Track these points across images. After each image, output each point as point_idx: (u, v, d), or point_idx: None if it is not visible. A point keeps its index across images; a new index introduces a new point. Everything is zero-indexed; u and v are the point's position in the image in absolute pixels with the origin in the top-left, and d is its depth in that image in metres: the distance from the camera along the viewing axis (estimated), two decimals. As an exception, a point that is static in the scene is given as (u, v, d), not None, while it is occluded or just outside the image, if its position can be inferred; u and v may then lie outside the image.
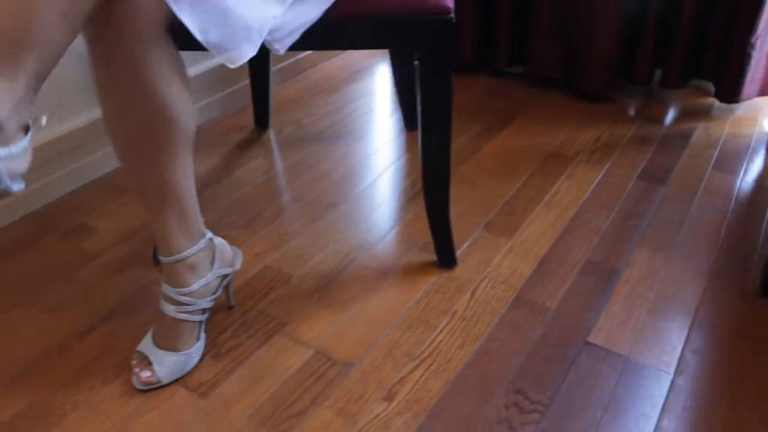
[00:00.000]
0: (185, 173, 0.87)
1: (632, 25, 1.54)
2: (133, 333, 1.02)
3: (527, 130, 1.53)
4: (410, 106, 1.47)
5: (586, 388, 0.92)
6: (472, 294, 1.08)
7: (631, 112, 1.63)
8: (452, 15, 0.89)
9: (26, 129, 0.72)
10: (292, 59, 1.76)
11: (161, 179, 0.85)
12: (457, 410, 0.89)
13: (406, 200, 1.30)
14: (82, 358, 0.99)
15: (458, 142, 1.48)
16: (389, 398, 0.91)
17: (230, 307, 1.05)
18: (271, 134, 1.54)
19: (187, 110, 0.83)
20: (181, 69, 0.82)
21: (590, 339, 0.99)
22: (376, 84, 1.79)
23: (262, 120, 1.52)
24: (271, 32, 0.83)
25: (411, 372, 0.94)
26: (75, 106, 1.32)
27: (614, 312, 1.04)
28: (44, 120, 0.75)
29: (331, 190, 1.34)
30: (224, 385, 0.93)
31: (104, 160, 1.38)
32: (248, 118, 1.58)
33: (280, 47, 0.85)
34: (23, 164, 0.72)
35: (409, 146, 1.49)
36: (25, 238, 1.23)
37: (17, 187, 0.72)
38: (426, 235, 1.19)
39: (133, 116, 0.80)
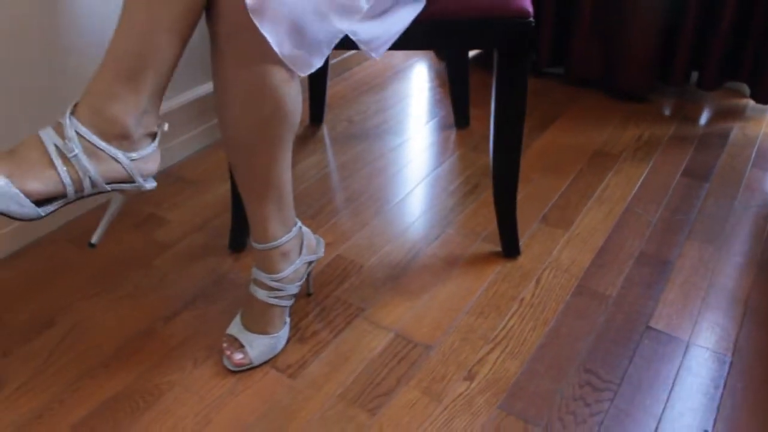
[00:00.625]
0: (288, 166, 0.93)
1: (670, 28, 1.61)
2: (216, 318, 1.08)
3: (571, 129, 1.59)
4: (462, 104, 1.53)
5: (652, 369, 0.98)
6: (537, 282, 1.14)
7: (667, 112, 1.69)
8: (532, 18, 0.95)
9: (153, 135, 0.83)
10: (339, 58, 1.82)
11: (267, 171, 0.91)
12: (535, 388, 0.95)
13: (463, 195, 1.36)
14: (169, 341, 1.04)
15: (505, 140, 1.55)
16: (470, 378, 0.97)
17: (309, 294, 1.11)
18: (325, 130, 1.60)
19: (298, 107, 0.89)
20: None
21: (651, 324, 1.05)
22: (420, 83, 1.85)
23: (317, 116, 1.58)
24: (367, 43, 0.90)
25: (488, 354, 1.00)
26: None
27: (671, 300, 1.10)
28: (166, 126, 0.85)
29: (388, 185, 1.40)
30: (312, 366, 0.99)
31: (169, 152, 1.44)
32: (303, 114, 1.62)
33: (376, 54, 0.92)
34: (152, 166, 0.84)
35: (459, 143, 1.54)
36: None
37: (149, 185, 0.84)
38: (487, 227, 1.26)
39: (251, 114, 0.86)
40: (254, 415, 0.92)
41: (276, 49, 0.80)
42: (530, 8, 0.96)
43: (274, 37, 0.79)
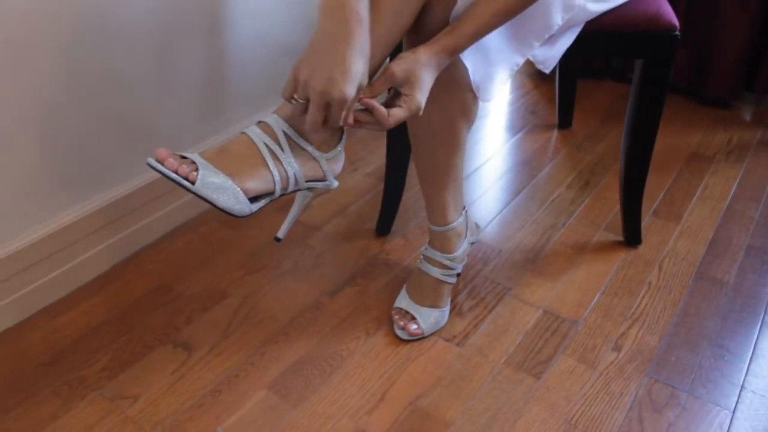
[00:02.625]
0: (463, 157, 1.05)
1: (758, 40, 1.72)
2: (377, 293, 1.20)
3: (666, 132, 1.71)
4: (568, 106, 1.66)
5: (777, 346, 1.11)
6: (660, 268, 1.26)
7: (748, 118, 1.81)
8: (678, 32, 1.07)
9: (340, 136, 0.88)
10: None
11: (448, 163, 1.03)
12: (676, 359, 1.07)
13: (579, 189, 1.49)
14: (339, 313, 1.17)
15: (606, 142, 1.67)
16: (617, 349, 1.09)
17: (458, 274, 1.23)
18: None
19: (478, 107, 1.01)
20: None
21: (769, 308, 1.18)
22: (511, 87, 1.98)
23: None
24: (542, 62, 1.02)
25: (628, 329, 1.13)
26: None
27: (782, 287, 1.23)
28: None
29: (508, 180, 1.53)
30: (474, 336, 1.11)
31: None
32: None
33: (547, 70, 1.04)
34: (340, 165, 0.90)
35: (563, 143, 1.67)
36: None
37: (335, 183, 0.90)
38: (605, 218, 1.38)
39: (442, 128, 0.98)
40: (432, 378, 1.04)
41: (471, 77, 0.91)
42: (677, 22, 1.08)
43: (471, 64, 0.90)
